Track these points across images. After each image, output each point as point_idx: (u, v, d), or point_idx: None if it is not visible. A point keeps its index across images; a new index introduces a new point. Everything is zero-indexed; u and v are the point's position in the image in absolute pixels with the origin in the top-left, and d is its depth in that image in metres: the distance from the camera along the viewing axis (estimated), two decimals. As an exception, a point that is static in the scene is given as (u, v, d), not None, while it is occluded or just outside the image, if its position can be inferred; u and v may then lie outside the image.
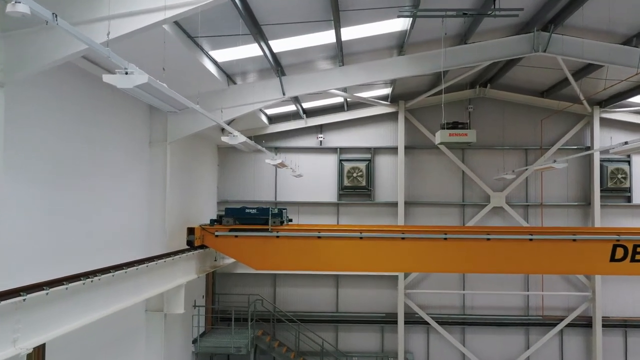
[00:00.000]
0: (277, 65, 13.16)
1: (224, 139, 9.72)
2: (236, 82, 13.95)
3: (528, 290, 20.06)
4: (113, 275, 9.36)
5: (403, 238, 13.75)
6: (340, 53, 12.98)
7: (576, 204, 20.13)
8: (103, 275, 8.95)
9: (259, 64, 13.16)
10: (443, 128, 10.70)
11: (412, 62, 13.39)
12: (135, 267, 10.24)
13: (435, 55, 13.16)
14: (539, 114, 20.04)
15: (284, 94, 13.50)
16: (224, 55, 12.08)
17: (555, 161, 13.11)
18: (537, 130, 20.14)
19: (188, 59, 10.99)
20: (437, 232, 13.99)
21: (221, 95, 13.30)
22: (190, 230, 13.80)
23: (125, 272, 9.84)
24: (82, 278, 8.37)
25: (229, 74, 13.48)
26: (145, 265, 10.82)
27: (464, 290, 20.09)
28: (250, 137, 14.21)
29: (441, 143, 10.88)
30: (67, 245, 9.87)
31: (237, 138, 9.44)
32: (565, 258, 13.86)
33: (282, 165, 14.96)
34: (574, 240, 13.82)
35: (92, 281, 8.62)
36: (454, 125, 10.63)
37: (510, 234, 14.21)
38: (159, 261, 11.54)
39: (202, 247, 14.16)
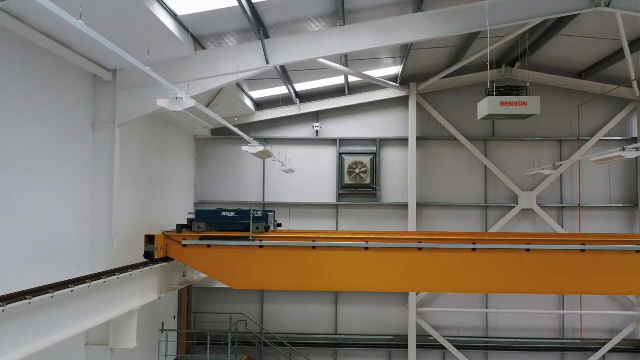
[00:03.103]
0: (258, 25, 10.26)
1: (161, 102, 6.55)
2: (206, 48, 10.90)
3: (563, 309, 17.69)
4: (3, 311, 6.35)
5: (420, 249, 11.47)
6: (341, 7, 10.04)
7: (620, 205, 17.67)
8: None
9: (234, 22, 10.23)
10: (490, 94, 7.50)
11: (439, 19, 10.36)
12: (49, 295, 7.30)
13: (470, 11, 10.16)
14: (576, 99, 17.61)
15: (267, 62, 10.60)
16: (183, 3, 9.00)
17: (624, 149, 10.09)
18: (573, 118, 17.65)
19: (132, 5, 7.94)
20: (464, 241, 11.57)
21: (185, 64, 10.45)
22: (150, 239, 11.10)
23: (29, 303, 6.87)
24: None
25: (196, 35, 10.46)
26: (69, 289, 7.85)
27: (487, 308, 17.77)
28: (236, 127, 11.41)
29: (488, 116, 7.69)
30: None
31: (182, 102, 6.26)
32: (628, 274, 11.49)
33: (266, 154, 12.02)
34: (638, 251, 11.38)
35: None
36: (507, 91, 7.43)
37: (555, 243, 11.68)
38: (95, 282, 8.59)
39: (166, 259, 11.53)
